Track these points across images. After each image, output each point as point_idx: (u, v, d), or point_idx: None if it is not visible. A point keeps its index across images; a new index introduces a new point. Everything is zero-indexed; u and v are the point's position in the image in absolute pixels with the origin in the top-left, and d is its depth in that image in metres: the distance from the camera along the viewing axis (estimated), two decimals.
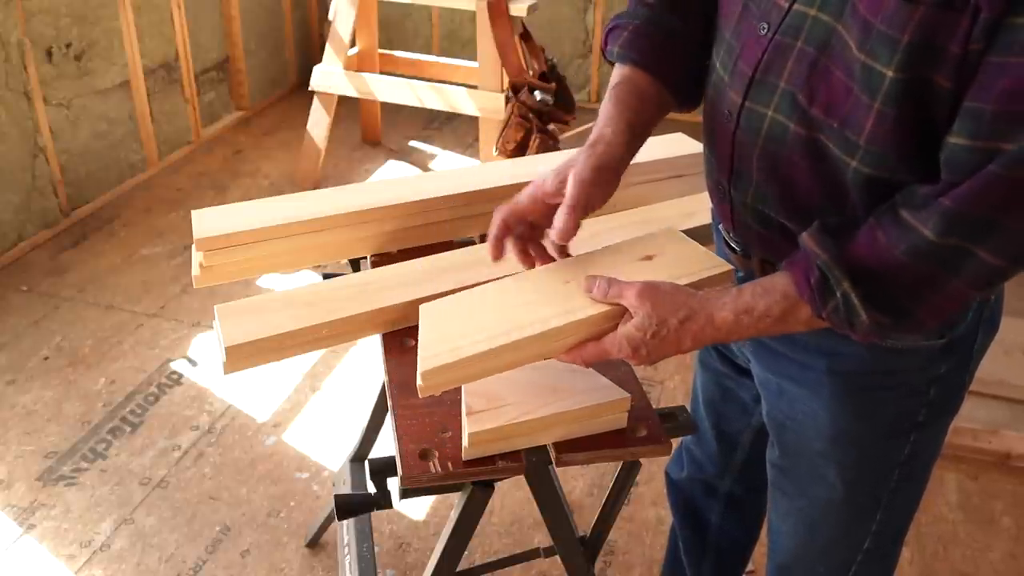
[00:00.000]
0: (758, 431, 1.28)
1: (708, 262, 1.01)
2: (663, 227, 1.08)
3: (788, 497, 1.16)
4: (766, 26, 0.87)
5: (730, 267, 1.02)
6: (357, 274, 1.24)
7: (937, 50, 0.72)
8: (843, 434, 1.03)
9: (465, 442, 0.95)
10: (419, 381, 0.89)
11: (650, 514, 1.98)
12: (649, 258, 1.01)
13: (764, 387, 1.11)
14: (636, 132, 0.99)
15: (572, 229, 0.94)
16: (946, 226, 0.75)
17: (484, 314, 0.94)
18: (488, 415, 0.96)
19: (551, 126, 2.70)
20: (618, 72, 1.03)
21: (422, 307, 0.97)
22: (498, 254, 1.01)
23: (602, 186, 0.95)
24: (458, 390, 0.98)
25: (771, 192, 0.92)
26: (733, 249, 1.05)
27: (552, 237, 0.96)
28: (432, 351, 0.90)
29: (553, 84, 2.74)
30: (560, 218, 0.94)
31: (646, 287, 0.89)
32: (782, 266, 0.87)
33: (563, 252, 1.02)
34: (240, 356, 1.07)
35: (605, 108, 1.00)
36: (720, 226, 1.08)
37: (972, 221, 0.74)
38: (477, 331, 0.91)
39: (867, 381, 1.00)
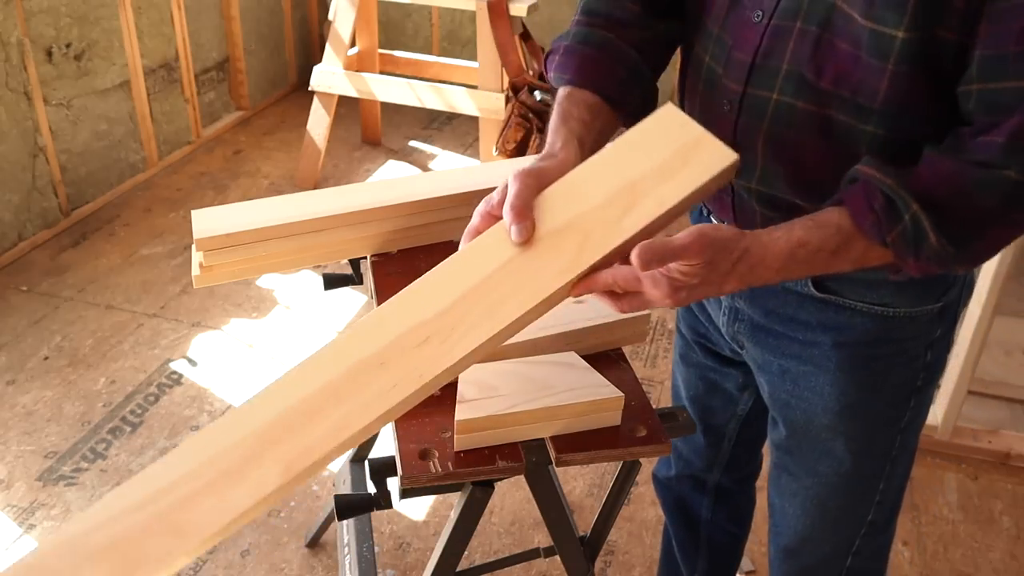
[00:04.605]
0: (742, 420, 1.33)
1: None
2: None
3: (794, 477, 1.18)
4: (760, 13, 0.91)
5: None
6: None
7: (942, 5, 0.78)
8: (849, 406, 1.06)
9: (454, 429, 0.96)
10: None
11: (650, 514, 1.98)
12: (582, 301, 0.99)
13: (764, 370, 1.12)
14: (585, 144, 0.93)
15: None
16: (1010, 159, 0.78)
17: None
18: (478, 404, 0.96)
19: None
20: (560, 93, 0.99)
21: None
22: None
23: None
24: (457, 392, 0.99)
25: (779, 173, 0.94)
26: None
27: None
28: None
29: None
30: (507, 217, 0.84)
31: (703, 240, 0.79)
32: (834, 200, 0.86)
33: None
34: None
35: (551, 124, 0.95)
36: (712, 216, 1.10)
37: None
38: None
39: (872, 351, 1.03)
